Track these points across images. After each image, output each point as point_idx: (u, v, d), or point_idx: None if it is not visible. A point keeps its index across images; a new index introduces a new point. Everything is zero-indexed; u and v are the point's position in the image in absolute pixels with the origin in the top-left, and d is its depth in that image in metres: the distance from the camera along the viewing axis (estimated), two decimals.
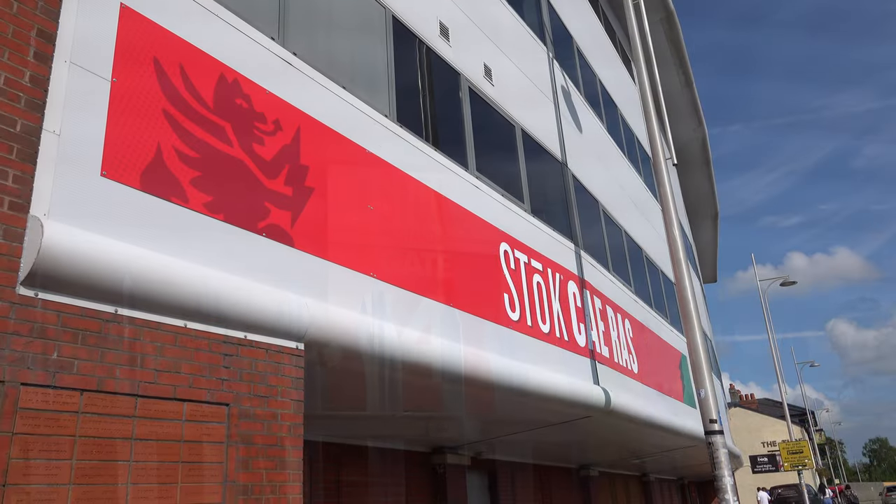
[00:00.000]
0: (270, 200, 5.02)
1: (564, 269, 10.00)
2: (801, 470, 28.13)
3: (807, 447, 27.89)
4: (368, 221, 6.01)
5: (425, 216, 6.92)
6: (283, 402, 4.57)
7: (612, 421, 10.41)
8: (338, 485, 8.79)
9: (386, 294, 5.98)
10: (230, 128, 4.88)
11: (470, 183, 8.00)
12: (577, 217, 11.31)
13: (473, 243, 7.71)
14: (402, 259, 6.34)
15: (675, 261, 8.54)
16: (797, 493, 31.86)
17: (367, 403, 7.24)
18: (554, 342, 8.92)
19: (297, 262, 5.10)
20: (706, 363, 7.97)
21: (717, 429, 7.53)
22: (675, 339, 16.48)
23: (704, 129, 29.10)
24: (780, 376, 30.80)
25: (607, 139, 15.30)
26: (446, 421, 9.08)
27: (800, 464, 27.69)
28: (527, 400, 7.93)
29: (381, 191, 6.31)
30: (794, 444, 28.10)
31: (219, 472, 4.06)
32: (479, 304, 7.45)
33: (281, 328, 4.66)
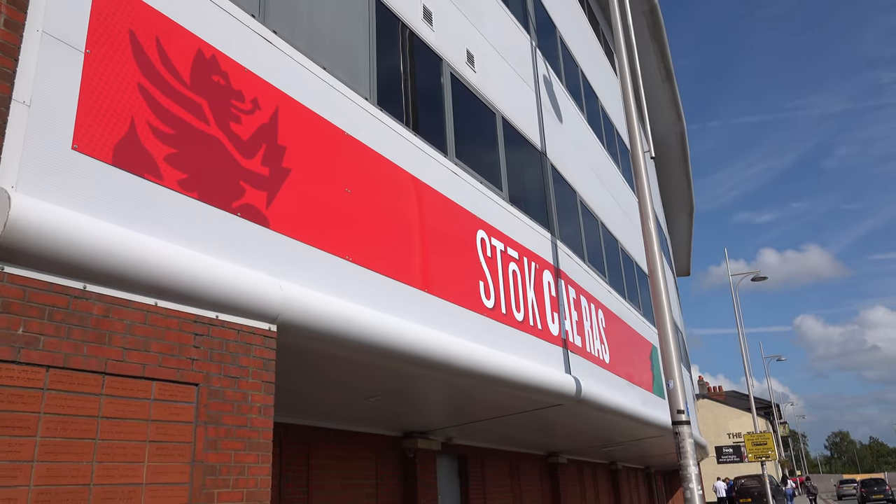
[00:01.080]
0: (246, 180, 4.95)
1: (540, 258, 10.03)
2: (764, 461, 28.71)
3: (771, 439, 28.44)
4: (345, 204, 5.97)
5: (403, 201, 6.89)
6: (254, 384, 4.54)
7: (582, 410, 10.51)
8: (307, 467, 8.78)
9: (361, 278, 5.95)
10: (207, 105, 4.79)
11: (449, 169, 7.98)
12: (555, 207, 11.34)
13: (450, 230, 7.69)
14: (379, 243, 6.31)
15: (649, 253, 8.61)
16: (759, 484, 32.53)
17: (339, 386, 7.22)
18: (527, 330, 8.96)
19: (271, 244, 5.04)
20: (676, 355, 8.07)
21: (685, 419, 7.63)
22: (647, 330, 16.66)
23: (683, 124, 29.31)
24: (747, 369, 31.31)
25: (587, 130, 15.34)
26: (418, 406, 9.10)
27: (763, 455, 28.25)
28: (499, 387, 7.97)
29: (359, 174, 6.26)
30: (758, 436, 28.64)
31: (187, 452, 4.03)
32: (455, 290, 7.45)
33: (253, 309, 4.62)
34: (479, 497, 13.11)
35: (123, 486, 3.68)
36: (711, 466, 46.30)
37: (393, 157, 6.86)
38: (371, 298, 6.00)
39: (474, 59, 9.33)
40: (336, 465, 9.33)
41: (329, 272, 5.58)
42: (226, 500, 4.17)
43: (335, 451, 9.37)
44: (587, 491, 19.44)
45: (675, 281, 32.38)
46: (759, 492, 32.81)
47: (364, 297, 5.91)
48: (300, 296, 5.02)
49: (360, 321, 5.59)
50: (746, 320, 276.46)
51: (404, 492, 10.60)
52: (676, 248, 39.04)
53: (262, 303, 4.66)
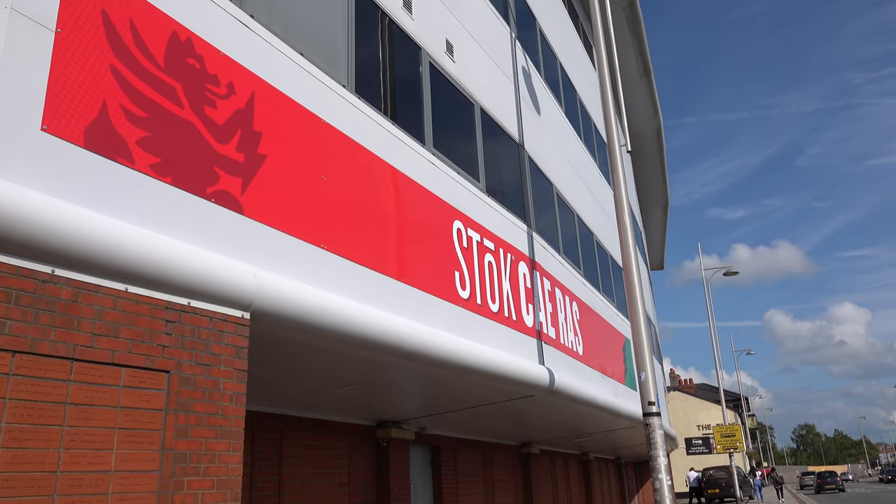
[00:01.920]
0: (221, 166, 4.89)
1: (516, 249, 10.06)
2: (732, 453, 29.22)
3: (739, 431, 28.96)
4: (321, 192, 5.92)
5: (379, 190, 6.86)
6: (226, 371, 4.50)
7: (555, 401, 10.59)
8: (280, 456, 8.74)
9: (336, 266, 5.92)
10: (181, 89, 4.72)
11: (426, 159, 7.95)
12: (532, 199, 11.37)
13: (427, 219, 7.68)
14: (355, 232, 6.28)
15: (623, 246, 8.68)
16: (727, 475, 33.11)
17: (312, 375, 7.20)
18: (502, 321, 9.00)
19: (246, 230, 4.99)
20: (648, 347, 8.16)
21: (655, 411, 7.72)
22: (620, 323, 16.81)
23: (660, 119, 29.54)
24: (717, 363, 31.80)
25: (565, 123, 15.39)
26: (392, 395, 9.10)
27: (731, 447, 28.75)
28: (473, 377, 8.00)
29: (335, 162, 6.21)
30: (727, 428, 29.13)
31: (157, 440, 3.98)
32: (431, 280, 7.44)
33: (226, 296, 4.57)
34: (451, 487, 13.17)
35: (91, 473, 3.63)
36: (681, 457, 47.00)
37: (370, 145, 6.82)
38: (346, 287, 5.97)
39: (453, 49, 9.30)
40: (309, 454, 9.31)
41: (304, 260, 5.54)
42: (196, 488, 4.13)
43: (308, 440, 9.34)
44: (558, 481, 19.64)
45: (648, 274, 32.70)
46: (726, 482, 33.41)
47: (339, 286, 5.88)
48: (274, 283, 4.98)
49: (334, 310, 5.56)
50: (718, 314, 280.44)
51: (377, 481, 10.61)
52: (651, 242, 39.42)
53: (235, 290, 4.61)
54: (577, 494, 21.33)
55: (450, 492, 13.08)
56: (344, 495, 9.90)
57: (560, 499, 19.36)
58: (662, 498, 7.31)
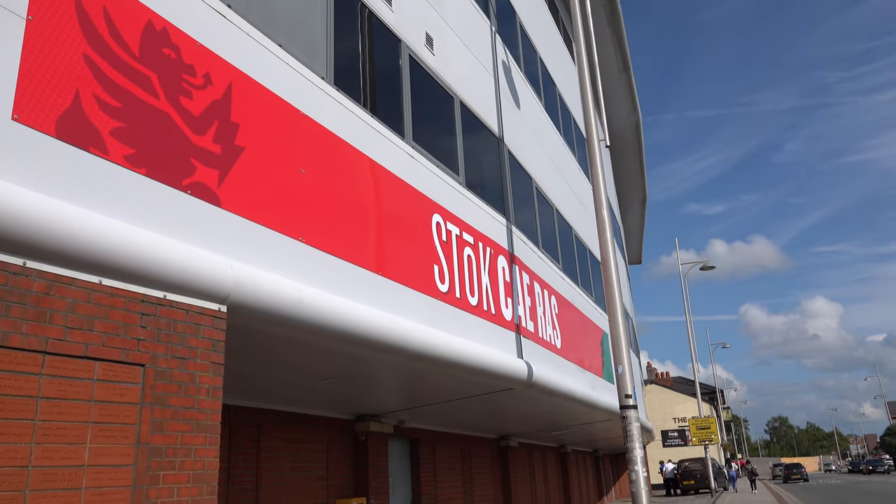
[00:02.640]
0: (197, 157, 4.83)
1: (495, 243, 10.08)
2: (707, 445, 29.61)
3: (714, 424, 29.35)
4: (300, 185, 5.88)
5: (359, 183, 6.83)
6: (203, 365, 4.46)
7: (533, 394, 10.65)
8: (257, 450, 8.70)
9: (314, 259, 5.89)
10: (156, 79, 4.65)
11: (405, 152, 7.93)
12: (511, 193, 11.39)
13: (406, 213, 7.66)
14: (333, 225, 6.25)
15: (602, 240, 8.73)
16: (702, 467, 33.54)
17: (290, 369, 7.16)
18: (481, 315, 9.01)
19: (222, 223, 4.94)
20: (626, 341, 8.22)
21: (632, 404, 7.80)
22: (598, 316, 16.93)
23: (639, 115, 29.72)
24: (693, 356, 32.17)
25: (545, 117, 15.42)
26: (371, 389, 9.09)
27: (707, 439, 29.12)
28: (451, 371, 8.01)
29: (314, 155, 6.17)
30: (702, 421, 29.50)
31: (131, 434, 3.94)
32: (410, 273, 7.43)
33: (203, 289, 4.53)
34: (430, 480, 13.21)
35: (64, 468, 3.59)
36: (657, 450, 47.51)
37: (349, 138, 6.78)
38: (325, 280, 5.94)
39: (433, 42, 9.27)
40: (286, 448, 9.27)
41: (282, 253, 5.50)
42: (172, 482, 4.10)
43: (286, 433, 9.30)
44: (536, 473, 19.77)
45: (626, 269, 32.96)
46: (701, 474, 33.84)
47: (317, 279, 5.85)
48: (251, 276, 4.94)
49: (312, 303, 5.53)
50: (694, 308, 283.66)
51: (355, 475, 10.61)
52: (629, 237, 39.72)
53: (211, 283, 4.57)
54: (554, 487, 21.49)
55: (428, 485, 13.11)
56: (322, 489, 9.88)
57: (538, 491, 19.49)
58: (638, 489, 7.39)
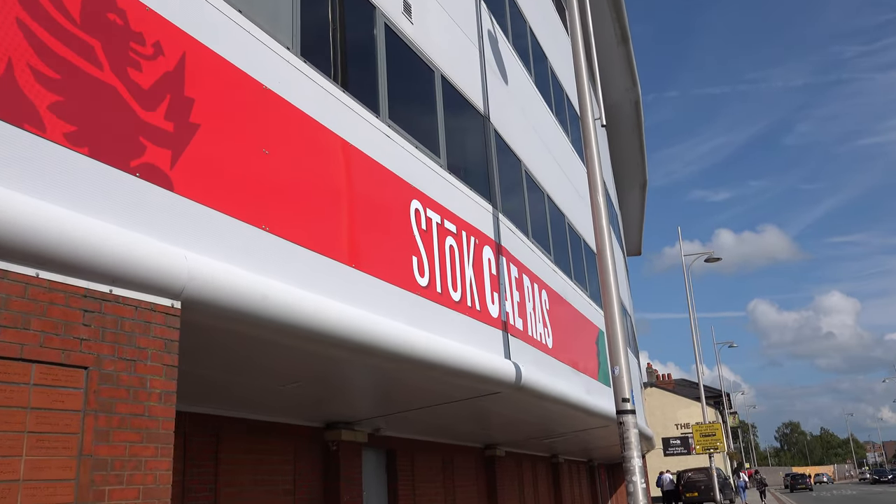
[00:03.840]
0: (147, 136, 4.78)
1: (480, 232, 10.09)
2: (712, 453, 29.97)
3: (720, 430, 29.68)
4: (263, 167, 5.84)
5: (329, 165, 6.80)
6: (154, 367, 4.42)
7: (522, 398, 10.70)
8: (216, 462, 8.66)
9: (280, 250, 5.86)
10: (100, 47, 4.58)
11: (381, 132, 7.90)
12: (498, 177, 11.40)
13: (382, 198, 7.65)
14: (301, 212, 6.21)
15: (597, 228, 8.77)
16: (707, 477, 33.85)
17: (252, 371, 7.14)
18: (465, 311, 9.03)
19: (176, 209, 4.90)
20: (623, 339, 8.28)
21: (630, 408, 7.86)
22: (594, 313, 17.03)
23: (638, 91, 29.86)
24: (697, 356, 32.48)
25: (535, 95, 15.44)
26: (343, 393, 9.08)
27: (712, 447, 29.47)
28: (432, 373, 8.02)
29: (279, 134, 6.13)
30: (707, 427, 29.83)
31: (73, 445, 3.90)
32: (386, 266, 7.42)
33: (154, 283, 4.49)
34: (408, 493, 13.24)
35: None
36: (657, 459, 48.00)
37: (318, 115, 6.75)
38: (291, 273, 5.92)
39: (412, 10, 9.23)
40: (248, 460, 9.24)
41: (243, 242, 5.47)
42: (118, 498, 4.07)
43: (248, 443, 9.27)
44: (525, 485, 19.89)
45: (624, 261, 33.19)
46: (706, 485, 34.12)
47: (283, 272, 5.82)
48: (209, 268, 4.90)
49: (277, 298, 5.51)
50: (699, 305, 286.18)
51: (325, 488, 10.60)
52: (627, 226, 39.96)
53: (163, 275, 4.53)
54: (545, 499, 21.65)
55: (406, 499, 13.14)
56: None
57: None
58: (636, 502, 7.45)
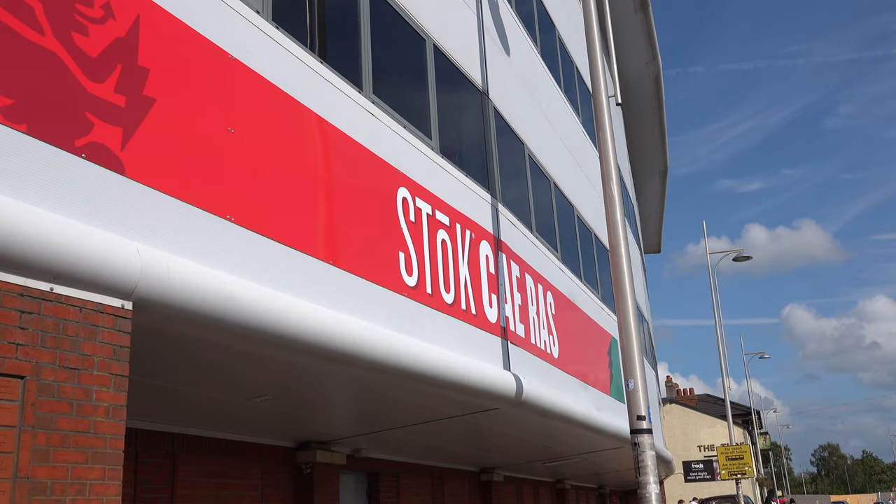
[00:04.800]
0: (95, 111, 4.76)
1: (477, 225, 10.10)
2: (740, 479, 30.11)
3: (748, 453, 29.84)
4: (228, 149, 5.83)
5: (304, 147, 6.79)
6: (101, 377, 4.42)
7: (523, 415, 10.73)
8: (172, 486, 8.66)
9: (247, 244, 5.86)
10: (41, 9, 4.56)
11: (364, 109, 7.90)
12: (498, 162, 11.41)
13: (365, 185, 7.65)
14: (271, 200, 6.21)
15: (611, 221, 8.79)
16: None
17: (215, 383, 7.15)
18: (458, 315, 9.04)
19: (127, 196, 4.89)
20: (638, 348, 8.31)
21: (646, 427, 7.89)
22: (606, 318, 17.09)
23: (659, 65, 29.90)
24: (724, 369, 32.59)
25: (541, 68, 15.45)
26: (318, 409, 9.08)
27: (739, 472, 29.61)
28: (420, 386, 8.04)
29: (246, 110, 6.12)
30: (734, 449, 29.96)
31: (7, 466, 3.89)
32: (369, 263, 7.43)
33: (101, 280, 4.48)
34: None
35: None
36: (677, 485, 48.24)
37: (292, 90, 6.74)
38: (259, 270, 5.92)
39: None
40: (210, 484, 9.25)
41: (205, 235, 5.46)
42: None
43: (209, 465, 9.28)
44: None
45: (642, 259, 33.28)
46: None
47: (250, 269, 5.82)
48: (164, 264, 4.90)
49: (243, 299, 5.51)
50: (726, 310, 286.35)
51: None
52: (645, 219, 40.08)
53: (113, 272, 4.52)
54: None
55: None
56: None
57: None
58: None
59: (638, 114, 32.11)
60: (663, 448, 27.30)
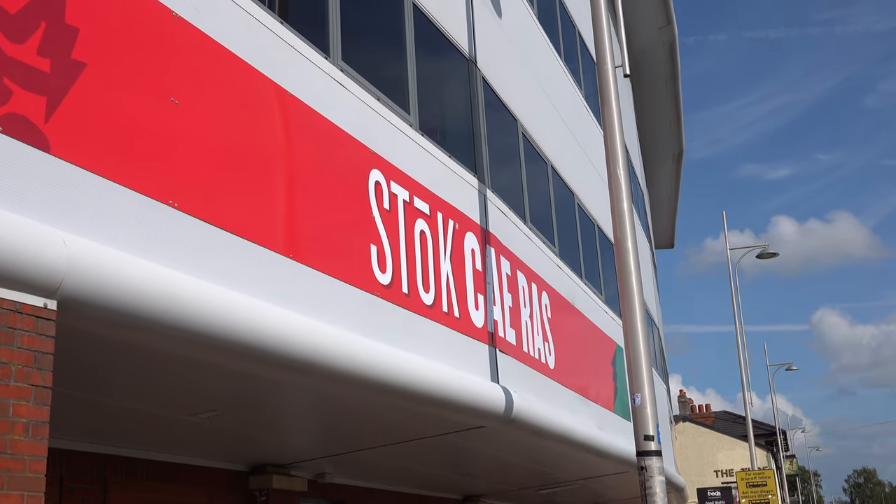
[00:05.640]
0: (14, 77, 4.73)
1: (462, 214, 10.11)
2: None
3: (773, 478, 30.10)
4: (171, 122, 5.81)
5: (261, 121, 6.77)
6: (19, 389, 4.39)
7: (513, 435, 10.75)
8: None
9: (192, 234, 5.84)
10: None
11: (332, 78, 7.89)
12: (486, 142, 11.41)
13: (331, 167, 7.64)
14: (222, 183, 6.19)
15: (616, 211, 8.82)
16: None
17: (153, 396, 7.14)
18: (439, 319, 9.05)
19: (52, 176, 4.86)
20: (647, 358, 8.34)
21: (654, 449, 7.92)
22: (610, 323, 17.17)
23: (674, 31, 29.99)
24: (745, 382, 32.83)
25: (538, 33, 15.46)
26: (274, 426, 9.06)
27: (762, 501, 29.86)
28: (394, 400, 8.05)
29: (193, 77, 6.10)
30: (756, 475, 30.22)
31: None
32: (335, 257, 7.43)
33: (20, 275, 4.45)
34: None
35: None
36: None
37: (247, 54, 6.72)
38: (207, 265, 5.90)
39: None
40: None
41: (143, 224, 5.44)
42: None
43: (147, 491, 9.25)
44: None
45: (652, 256, 33.44)
46: None
47: (196, 263, 5.80)
48: (95, 257, 4.88)
49: (188, 299, 5.50)
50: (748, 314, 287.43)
51: None
52: (657, 209, 40.26)
53: (34, 265, 4.50)
54: None
55: None
56: None
57: None
58: None
59: (649, 88, 32.20)
60: (675, 473, 27.46)
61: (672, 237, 44.86)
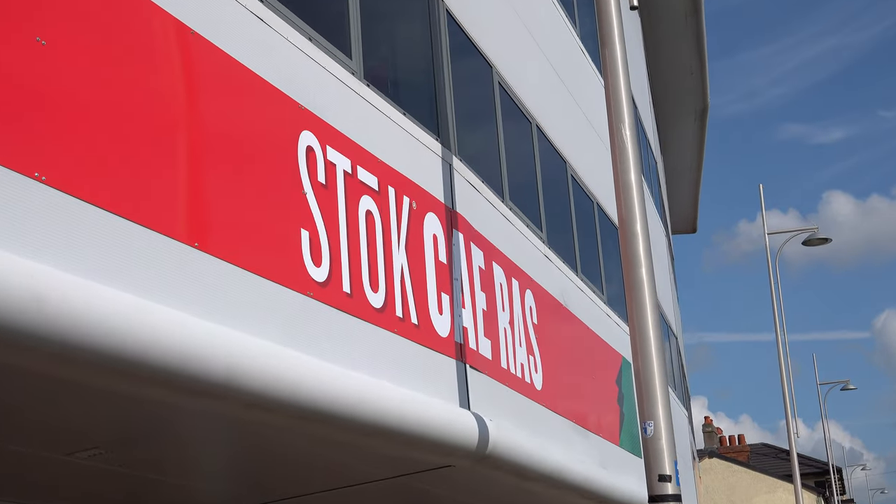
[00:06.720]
0: None
1: (421, 189, 10.10)
2: None
3: None
4: (37, 71, 5.76)
5: (155, 69, 6.74)
6: None
7: (490, 476, 10.78)
8: None
9: (65, 217, 5.80)
10: None
11: (249, 11, 7.84)
12: (452, 94, 11.40)
13: (249, 129, 7.62)
14: (103, 152, 6.15)
15: (621, 183, 8.83)
16: None
17: (19, 430, 7.11)
18: (391, 326, 9.04)
19: None
20: (661, 375, 8.37)
21: (672, 492, 7.97)
22: (613, 330, 17.24)
23: None
24: (789, 407, 33.06)
25: None
26: (177, 467, 9.03)
27: None
28: (331, 432, 8.03)
29: (65, 11, 6.05)
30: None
31: None
32: (253, 246, 7.40)
33: None
34: None
35: None
36: None
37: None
38: (86, 258, 5.87)
39: None
40: None
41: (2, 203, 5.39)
42: None
43: None
44: None
45: (668, 243, 33.60)
46: None
47: (71, 256, 5.76)
48: None
49: (63, 304, 5.45)
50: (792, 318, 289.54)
51: None
52: (675, 183, 40.42)
53: None
54: None
55: None
56: None
57: None
58: None
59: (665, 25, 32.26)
60: None
61: (694, 219, 45.13)
